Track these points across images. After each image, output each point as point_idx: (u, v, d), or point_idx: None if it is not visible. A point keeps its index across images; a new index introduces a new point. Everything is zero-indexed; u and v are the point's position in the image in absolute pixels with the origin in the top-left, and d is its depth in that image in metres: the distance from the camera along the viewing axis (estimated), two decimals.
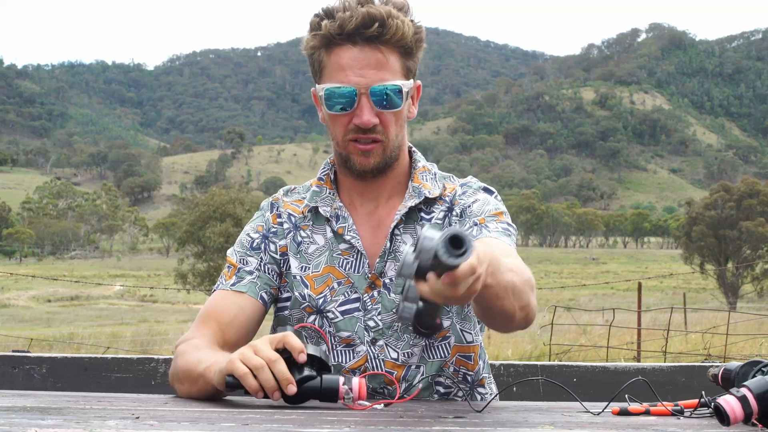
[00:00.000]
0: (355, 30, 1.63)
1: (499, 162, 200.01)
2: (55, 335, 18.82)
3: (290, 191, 1.87)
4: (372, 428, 1.19)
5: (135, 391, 2.08)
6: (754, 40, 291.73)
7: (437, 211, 1.78)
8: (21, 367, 2.20)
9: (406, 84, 1.69)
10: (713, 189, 50.08)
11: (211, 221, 35.12)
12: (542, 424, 1.26)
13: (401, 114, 1.71)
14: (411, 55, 1.70)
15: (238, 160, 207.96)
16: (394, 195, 1.79)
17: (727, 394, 1.20)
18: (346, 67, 1.65)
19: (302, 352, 1.38)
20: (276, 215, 1.82)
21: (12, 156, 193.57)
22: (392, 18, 1.64)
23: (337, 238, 1.76)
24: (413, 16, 1.70)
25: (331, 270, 1.75)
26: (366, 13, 1.63)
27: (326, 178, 1.82)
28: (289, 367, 1.38)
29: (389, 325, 1.72)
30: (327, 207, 1.78)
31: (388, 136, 1.70)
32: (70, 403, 1.46)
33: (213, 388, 1.50)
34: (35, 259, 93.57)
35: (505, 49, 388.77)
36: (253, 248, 1.79)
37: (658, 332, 11.55)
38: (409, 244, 1.60)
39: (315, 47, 1.69)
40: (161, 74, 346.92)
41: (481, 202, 1.76)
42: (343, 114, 1.68)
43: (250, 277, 1.76)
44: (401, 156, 1.77)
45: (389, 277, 1.73)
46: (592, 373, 2.18)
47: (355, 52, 1.65)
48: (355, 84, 1.65)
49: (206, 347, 1.63)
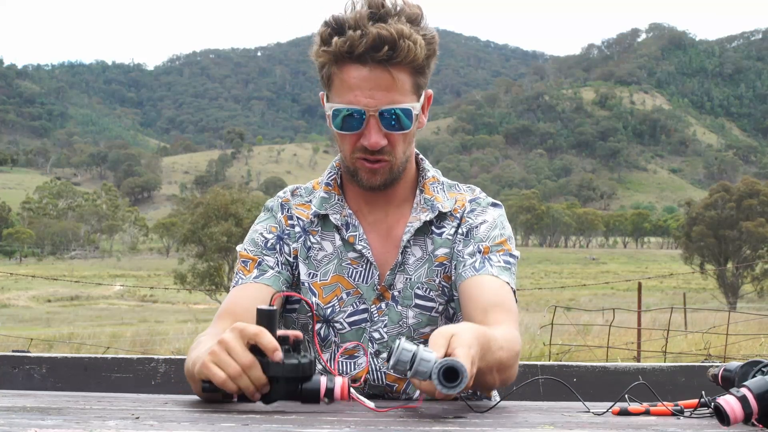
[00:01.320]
0: (365, 52, 1.60)
1: (499, 162, 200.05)
2: (55, 335, 18.81)
3: (294, 193, 1.84)
4: (372, 428, 1.18)
5: (135, 391, 2.07)
6: (754, 40, 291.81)
7: (448, 228, 1.76)
8: (21, 367, 2.19)
9: (415, 106, 1.66)
10: (713, 189, 50.08)
11: (213, 221, 35.15)
12: (542, 424, 1.26)
13: (410, 134, 1.69)
14: (422, 72, 1.67)
15: (238, 160, 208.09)
16: (402, 203, 1.78)
17: (727, 394, 1.20)
18: (354, 87, 1.62)
19: (277, 350, 1.33)
20: (287, 217, 1.79)
21: (12, 156, 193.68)
22: (403, 39, 1.60)
23: (346, 247, 1.74)
24: (426, 24, 1.66)
25: (339, 279, 1.73)
26: (377, 36, 1.58)
27: (334, 183, 1.79)
28: (266, 365, 1.33)
29: (394, 338, 1.72)
30: (336, 214, 1.75)
31: (396, 156, 1.68)
32: (70, 403, 1.45)
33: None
34: (35, 259, 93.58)
35: (505, 49, 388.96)
36: (269, 248, 1.76)
37: (658, 332, 11.54)
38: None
39: (324, 62, 1.66)
40: (161, 74, 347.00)
41: (488, 224, 1.76)
42: (350, 133, 1.66)
43: (272, 271, 1.73)
44: (408, 167, 1.76)
45: (398, 289, 1.73)
46: (592, 373, 2.18)
47: (365, 72, 1.61)
48: (364, 105, 1.62)
49: (209, 343, 1.56)
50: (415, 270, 1.73)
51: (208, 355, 1.35)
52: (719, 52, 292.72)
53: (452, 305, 1.75)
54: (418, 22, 1.65)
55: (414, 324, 1.72)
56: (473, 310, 1.64)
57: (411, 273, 1.73)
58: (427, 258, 1.74)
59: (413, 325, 1.72)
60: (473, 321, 1.63)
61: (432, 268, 1.74)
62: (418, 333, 1.73)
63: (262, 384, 1.33)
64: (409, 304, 1.72)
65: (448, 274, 1.74)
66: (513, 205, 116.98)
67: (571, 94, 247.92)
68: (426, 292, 1.73)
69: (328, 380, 1.36)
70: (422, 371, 1.26)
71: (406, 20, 1.62)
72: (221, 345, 1.34)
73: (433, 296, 1.73)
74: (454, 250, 1.74)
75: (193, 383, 1.52)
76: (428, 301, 1.73)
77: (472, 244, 1.73)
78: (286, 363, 1.33)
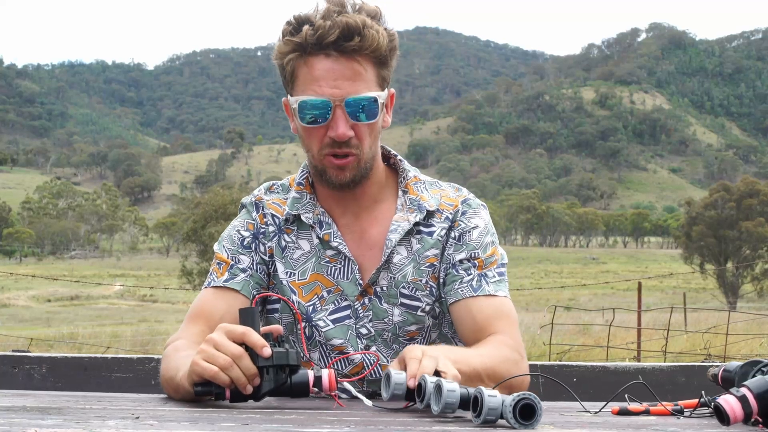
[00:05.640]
0: (335, 42, 1.60)
1: (499, 162, 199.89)
2: (55, 335, 18.81)
3: (270, 189, 1.83)
4: (372, 428, 1.18)
5: (135, 391, 2.07)
6: (754, 40, 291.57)
7: (438, 227, 1.76)
8: (21, 367, 2.19)
9: (381, 95, 1.66)
10: (713, 189, 50.12)
11: (212, 220, 35.22)
12: (542, 423, 1.25)
13: (376, 126, 1.68)
14: (385, 64, 1.67)
15: (238, 160, 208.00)
16: (373, 204, 1.77)
17: (727, 394, 1.20)
18: (320, 78, 1.62)
19: (265, 346, 1.34)
20: (262, 215, 1.78)
21: (12, 156, 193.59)
22: (368, 28, 1.61)
23: (323, 245, 1.74)
24: (386, 23, 1.67)
25: (318, 277, 1.73)
26: (345, 24, 1.59)
27: (305, 182, 1.78)
28: (256, 360, 1.36)
29: (380, 332, 1.73)
30: (309, 213, 1.75)
31: (363, 149, 1.67)
32: (70, 403, 1.45)
33: (193, 395, 1.46)
34: (35, 259, 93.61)
35: (505, 49, 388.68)
36: (245, 246, 1.75)
37: (658, 332, 11.54)
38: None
39: (286, 54, 1.65)
40: (161, 74, 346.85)
41: (480, 230, 1.77)
42: (317, 126, 1.64)
43: (243, 275, 1.73)
44: (375, 165, 1.74)
45: (381, 286, 1.73)
46: (592, 373, 2.18)
47: (329, 63, 1.61)
48: (330, 96, 1.61)
49: (188, 349, 1.57)
50: (400, 269, 1.73)
51: (197, 354, 1.37)
52: (719, 51, 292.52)
53: (438, 305, 1.75)
54: (378, 18, 1.65)
55: (399, 322, 1.73)
56: (471, 331, 1.68)
57: (395, 272, 1.73)
58: (413, 258, 1.74)
59: (399, 323, 1.73)
60: (471, 339, 1.67)
61: (420, 269, 1.74)
62: (404, 331, 1.73)
63: (252, 374, 1.34)
64: (395, 302, 1.72)
65: (435, 275, 1.74)
66: (513, 205, 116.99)
67: (571, 94, 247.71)
68: (412, 291, 1.73)
69: (315, 370, 1.40)
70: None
71: (366, 15, 1.64)
72: (208, 342, 1.37)
73: (420, 296, 1.73)
74: (445, 254, 1.74)
75: (172, 389, 1.53)
76: (414, 300, 1.73)
77: (465, 251, 1.74)
78: (274, 351, 1.35)
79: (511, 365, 1.58)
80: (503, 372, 1.55)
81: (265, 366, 1.35)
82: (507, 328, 1.67)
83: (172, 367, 1.54)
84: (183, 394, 1.49)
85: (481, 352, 1.57)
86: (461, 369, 1.44)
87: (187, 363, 1.44)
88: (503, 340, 1.64)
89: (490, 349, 1.60)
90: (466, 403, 1.26)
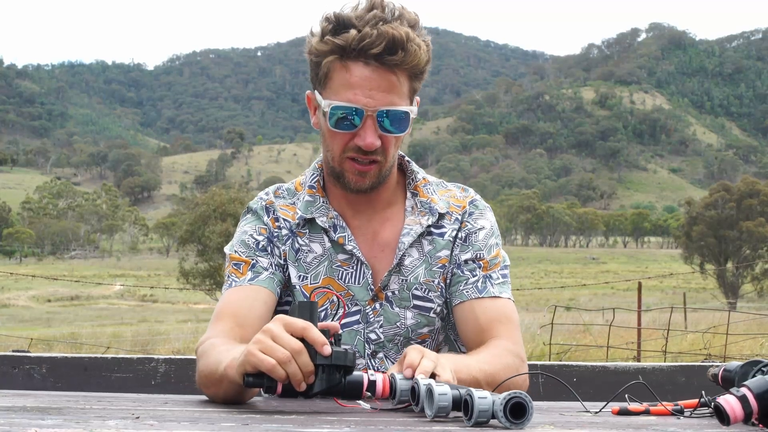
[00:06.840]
0: (379, 54, 1.58)
1: (499, 162, 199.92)
2: (56, 335, 18.82)
3: (277, 194, 1.81)
4: (372, 428, 1.18)
5: (135, 391, 2.07)
6: (754, 40, 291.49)
7: (449, 229, 1.76)
8: (21, 367, 2.19)
9: (412, 109, 1.66)
10: (713, 189, 50.13)
11: (211, 220, 35.20)
12: (542, 423, 1.25)
13: (401, 137, 1.68)
14: (420, 78, 1.68)
15: (238, 160, 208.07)
16: (386, 206, 1.77)
17: (727, 394, 1.20)
18: (356, 86, 1.61)
19: (326, 344, 1.30)
20: (274, 219, 1.76)
21: (12, 156, 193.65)
22: (411, 42, 1.60)
23: (335, 248, 1.73)
24: (423, 30, 1.66)
25: (330, 282, 1.72)
26: (392, 38, 1.58)
27: (317, 185, 1.77)
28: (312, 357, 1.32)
29: (390, 338, 1.72)
30: (323, 217, 1.74)
31: (386, 158, 1.67)
32: (70, 403, 1.45)
33: (239, 387, 1.40)
34: (35, 259, 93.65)
35: (505, 49, 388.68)
36: (261, 249, 1.73)
37: (658, 332, 11.54)
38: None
39: (324, 53, 1.63)
40: (161, 74, 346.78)
41: (486, 231, 1.77)
42: (343, 132, 1.65)
43: (266, 273, 1.71)
44: (393, 171, 1.75)
45: (393, 290, 1.72)
46: (592, 373, 2.18)
47: (368, 71, 1.60)
48: (364, 105, 1.61)
49: (224, 344, 1.54)
50: (412, 271, 1.73)
51: (253, 344, 1.32)
52: (719, 51, 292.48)
53: (444, 306, 1.76)
54: (416, 27, 1.64)
55: (412, 325, 1.72)
56: (473, 333, 1.68)
57: (407, 275, 1.72)
58: (424, 259, 1.74)
59: (412, 326, 1.72)
60: (473, 341, 1.68)
61: (432, 270, 1.74)
62: (416, 333, 1.73)
63: (309, 372, 1.30)
64: (407, 305, 1.72)
65: (445, 276, 1.75)
66: (513, 205, 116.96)
67: (571, 94, 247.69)
68: (425, 293, 1.73)
69: (370, 374, 1.35)
70: (484, 411, 1.21)
71: (407, 25, 1.62)
72: (266, 333, 1.32)
73: (432, 297, 1.73)
74: (453, 254, 1.75)
75: (213, 384, 1.50)
76: (427, 302, 1.73)
77: (470, 251, 1.74)
78: (333, 350, 1.31)
79: (511, 373, 1.58)
80: (503, 379, 1.54)
81: (322, 364, 1.30)
82: (509, 332, 1.68)
83: (212, 362, 1.50)
84: (227, 388, 1.46)
85: (482, 359, 1.57)
86: (461, 377, 1.44)
87: (230, 356, 1.41)
88: (505, 345, 1.64)
89: (491, 355, 1.59)
90: (459, 405, 1.25)
